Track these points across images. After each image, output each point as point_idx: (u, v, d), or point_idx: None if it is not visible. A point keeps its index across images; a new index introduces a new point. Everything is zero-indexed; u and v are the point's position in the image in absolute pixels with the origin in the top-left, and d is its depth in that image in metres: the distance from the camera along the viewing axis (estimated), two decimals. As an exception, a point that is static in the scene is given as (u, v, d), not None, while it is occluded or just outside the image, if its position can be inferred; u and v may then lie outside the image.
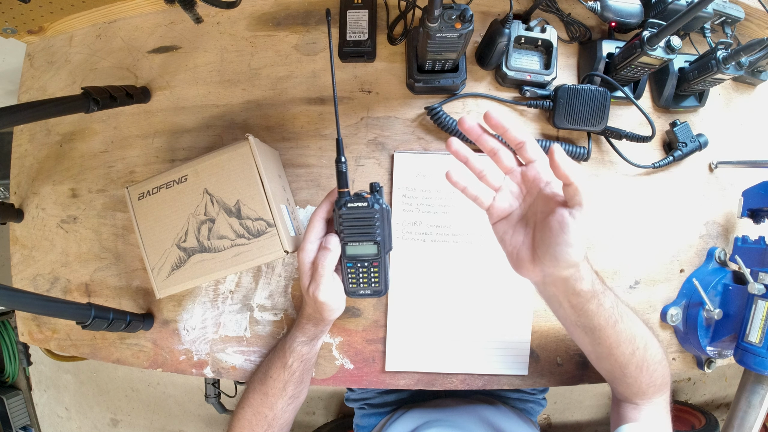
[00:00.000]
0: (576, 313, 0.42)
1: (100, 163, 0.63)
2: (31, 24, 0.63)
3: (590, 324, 0.42)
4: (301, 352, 0.52)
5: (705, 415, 1.31)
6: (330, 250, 0.45)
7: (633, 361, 0.45)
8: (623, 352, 0.44)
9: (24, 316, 0.67)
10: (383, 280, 0.48)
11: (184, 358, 0.61)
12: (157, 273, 0.51)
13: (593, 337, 0.44)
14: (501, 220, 0.42)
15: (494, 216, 0.42)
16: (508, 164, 0.40)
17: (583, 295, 0.40)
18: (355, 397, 0.82)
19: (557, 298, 0.42)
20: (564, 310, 0.43)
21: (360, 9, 0.57)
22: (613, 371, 0.48)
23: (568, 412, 1.49)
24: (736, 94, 0.64)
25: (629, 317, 0.44)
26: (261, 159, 0.48)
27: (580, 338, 0.46)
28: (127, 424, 1.58)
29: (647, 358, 0.46)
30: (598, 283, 0.41)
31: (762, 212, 0.57)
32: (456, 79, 0.55)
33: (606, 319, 0.42)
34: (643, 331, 0.45)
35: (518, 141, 0.38)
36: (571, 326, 0.45)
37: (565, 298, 0.41)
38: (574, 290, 0.39)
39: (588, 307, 0.41)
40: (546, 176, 0.38)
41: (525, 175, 0.40)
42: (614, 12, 0.54)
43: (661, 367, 0.47)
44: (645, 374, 0.46)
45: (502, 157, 0.40)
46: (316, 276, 0.46)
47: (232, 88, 0.60)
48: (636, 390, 0.48)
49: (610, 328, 0.42)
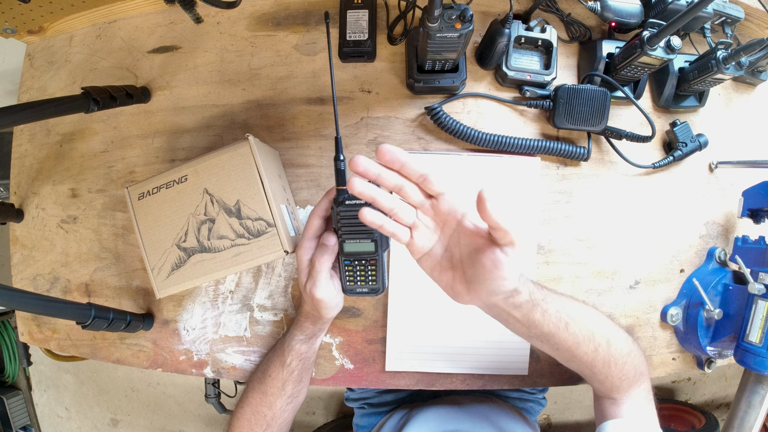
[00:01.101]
0: (524, 326, 0.42)
1: (100, 163, 0.63)
2: (31, 24, 0.63)
3: (540, 332, 0.42)
4: (299, 351, 0.52)
5: (705, 415, 1.31)
6: (327, 247, 0.45)
7: (598, 359, 0.45)
8: (585, 351, 0.44)
9: (24, 316, 0.67)
10: (381, 278, 0.48)
11: (184, 358, 0.61)
12: (157, 273, 0.51)
13: (550, 343, 0.44)
14: (424, 256, 0.40)
15: (415, 253, 0.40)
16: (415, 199, 0.37)
17: (525, 306, 0.40)
18: (354, 396, 0.82)
19: (502, 316, 0.42)
20: (513, 326, 0.43)
21: (360, 9, 0.57)
22: (583, 370, 0.48)
23: (568, 412, 1.49)
24: (736, 94, 0.64)
25: (584, 317, 0.44)
26: (261, 159, 0.48)
27: (541, 347, 0.46)
28: (127, 424, 1.58)
29: (612, 353, 0.46)
30: (536, 291, 0.41)
31: (762, 212, 0.57)
32: (456, 79, 0.55)
33: (555, 324, 0.42)
34: (602, 328, 0.45)
35: (418, 175, 0.36)
36: (528, 338, 0.45)
37: (509, 315, 0.41)
38: (514, 305, 0.39)
39: (533, 317, 0.41)
40: (460, 208, 0.37)
41: (437, 209, 0.37)
42: (614, 12, 0.54)
43: (631, 358, 0.47)
44: (614, 369, 0.46)
45: (409, 193, 0.37)
46: (314, 273, 0.46)
47: (232, 88, 0.60)
48: (610, 385, 0.48)
49: (562, 332, 0.42)
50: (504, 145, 0.56)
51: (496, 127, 0.59)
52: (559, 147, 0.57)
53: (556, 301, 0.42)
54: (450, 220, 0.38)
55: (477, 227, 0.36)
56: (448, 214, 0.37)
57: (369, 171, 0.35)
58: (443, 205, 0.37)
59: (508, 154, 0.58)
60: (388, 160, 0.35)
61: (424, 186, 0.37)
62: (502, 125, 0.59)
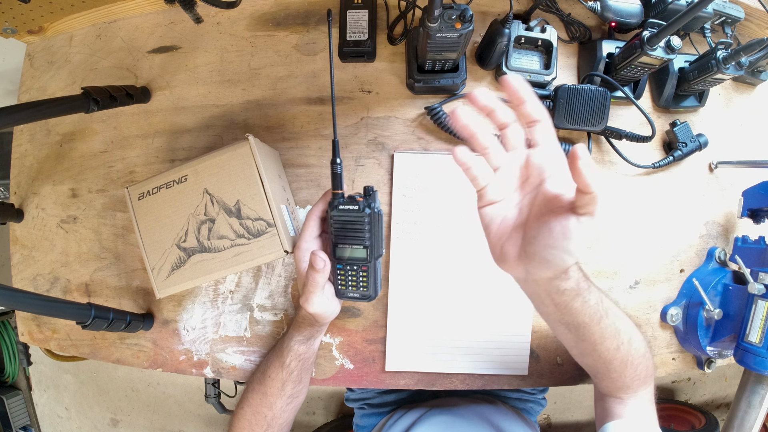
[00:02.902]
0: (559, 311, 0.40)
1: (100, 163, 0.63)
2: (31, 24, 0.63)
3: (574, 321, 0.40)
4: (298, 351, 0.52)
5: (705, 415, 1.31)
6: (318, 271, 0.44)
7: (618, 357, 0.44)
8: (608, 347, 0.43)
9: (24, 316, 0.67)
10: (372, 285, 0.47)
11: (184, 358, 0.61)
12: (157, 273, 0.51)
13: (577, 333, 0.42)
14: (490, 205, 0.37)
15: (482, 200, 0.37)
16: (514, 141, 0.36)
17: (567, 294, 0.37)
18: (354, 397, 0.82)
19: (539, 295, 0.40)
20: (546, 307, 0.41)
21: (360, 9, 0.57)
22: (597, 367, 0.47)
23: (568, 412, 1.49)
24: (736, 94, 0.64)
25: (614, 312, 0.43)
26: (261, 159, 0.48)
27: (563, 335, 0.45)
28: (127, 424, 1.58)
29: (632, 353, 0.45)
30: (583, 280, 0.38)
31: (762, 212, 0.57)
32: (456, 79, 0.55)
33: (590, 316, 0.40)
34: (627, 326, 0.44)
35: (533, 119, 0.34)
36: (554, 323, 0.43)
37: (548, 296, 0.39)
38: (558, 289, 0.37)
39: (572, 304, 0.38)
40: (550, 168, 0.34)
41: (529, 161, 0.35)
42: (614, 12, 0.54)
43: (645, 360, 0.46)
44: (630, 369, 0.45)
45: (512, 134, 0.36)
46: (305, 291, 0.46)
47: (232, 88, 0.60)
48: (620, 385, 0.47)
49: (594, 325, 0.41)
50: (504, 145, 0.56)
51: (496, 127, 0.59)
52: (559, 147, 0.57)
53: (596, 293, 0.40)
54: (535, 176, 0.35)
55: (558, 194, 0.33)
56: (538, 167, 0.35)
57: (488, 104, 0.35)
58: (536, 158, 0.35)
59: (508, 154, 0.58)
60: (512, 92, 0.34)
61: (532, 131, 0.35)
62: (502, 125, 0.59)
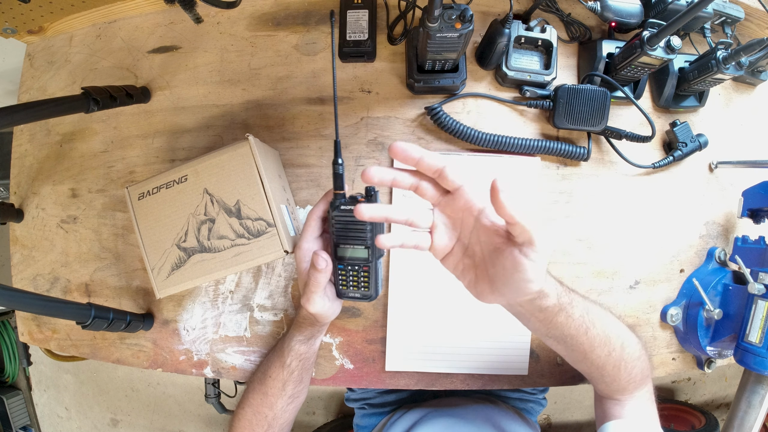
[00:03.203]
0: (545, 326, 0.41)
1: (100, 163, 0.63)
2: (31, 24, 0.63)
3: (561, 334, 0.42)
4: (299, 351, 0.52)
5: (705, 415, 1.31)
6: (320, 271, 0.44)
7: (610, 362, 0.45)
8: (598, 355, 0.44)
9: (24, 316, 0.67)
10: (373, 285, 0.47)
11: (184, 358, 0.61)
12: (157, 273, 0.51)
13: (566, 345, 0.43)
14: (446, 256, 0.39)
15: (438, 254, 0.39)
16: (432, 196, 0.36)
17: (549, 311, 0.39)
18: (355, 397, 0.82)
19: (524, 315, 0.41)
20: (532, 324, 0.42)
21: (360, 9, 0.57)
22: (591, 372, 0.48)
23: (568, 412, 1.49)
24: (736, 94, 0.64)
25: (602, 320, 0.44)
26: (261, 159, 0.48)
27: (553, 346, 0.46)
28: (127, 424, 1.58)
29: (624, 357, 0.45)
30: (564, 294, 0.40)
31: (762, 212, 0.57)
32: (456, 79, 0.55)
33: (576, 328, 0.41)
34: (618, 331, 0.45)
35: (434, 170, 0.34)
36: (543, 337, 0.45)
37: (531, 315, 0.40)
38: (539, 308, 0.38)
39: (556, 320, 0.40)
40: (477, 203, 0.34)
41: (453, 206, 0.36)
42: (614, 12, 0.54)
43: (640, 362, 0.47)
44: (623, 372, 0.46)
45: (425, 190, 0.36)
46: (307, 291, 0.46)
47: (232, 88, 0.60)
48: (616, 387, 0.48)
49: (581, 336, 0.42)
50: (504, 145, 0.57)
51: (496, 127, 0.59)
52: (559, 147, 0.57)
53: (581, 305, 0.41)
54: (467, 216, 0.36)
55: (494, 224, 0.34)
56: (464, 209, 0.35)
57: (384, 179, 0.34)
58: (459, 200, 0.35)
59: (508, 154, 0.58)
60: (403, 158, 0.33)
61: (441, 181, 0.35)
62: (502, 125, 0.59)
